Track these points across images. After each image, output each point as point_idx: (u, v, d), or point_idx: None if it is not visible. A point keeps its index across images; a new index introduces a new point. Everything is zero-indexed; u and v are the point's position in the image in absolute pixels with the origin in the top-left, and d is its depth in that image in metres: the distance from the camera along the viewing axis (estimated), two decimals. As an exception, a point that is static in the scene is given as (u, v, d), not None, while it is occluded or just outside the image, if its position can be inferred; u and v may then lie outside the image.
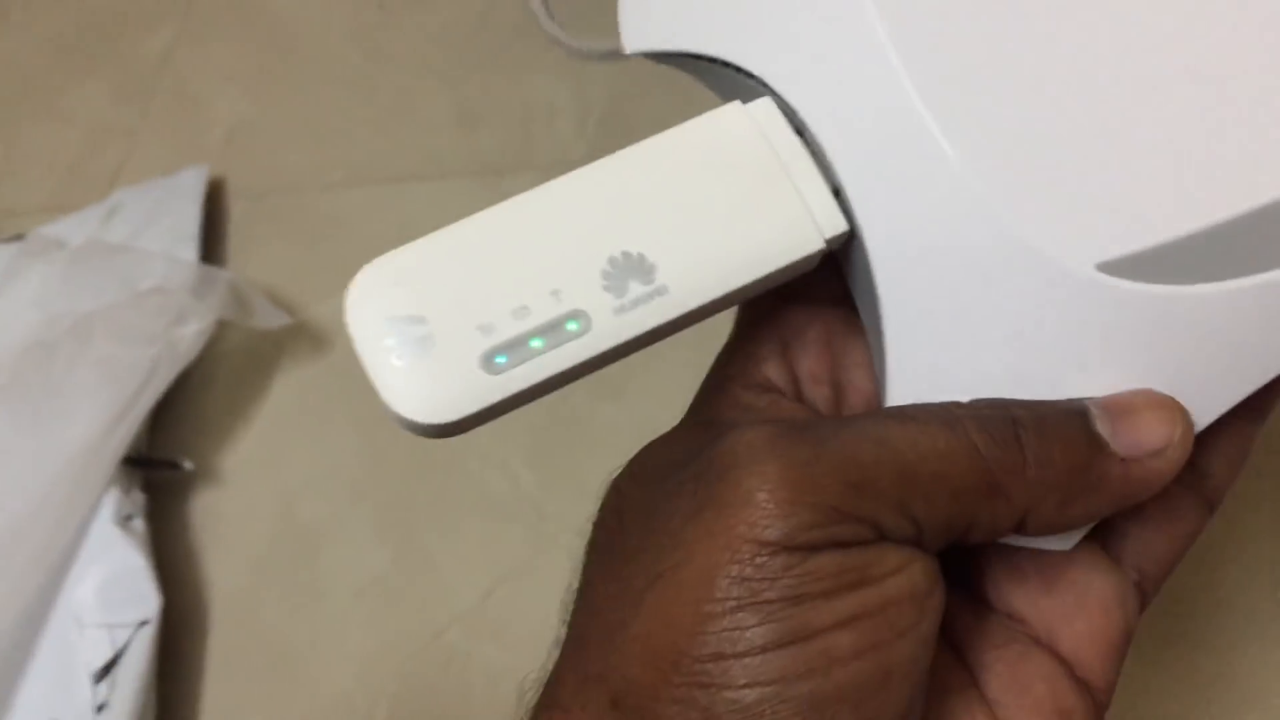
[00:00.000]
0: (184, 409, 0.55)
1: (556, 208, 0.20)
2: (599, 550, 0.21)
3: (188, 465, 0.52)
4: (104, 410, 0.50)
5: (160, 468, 0.53)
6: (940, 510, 0.18)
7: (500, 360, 0.19)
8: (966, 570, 0.22)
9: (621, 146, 0.20)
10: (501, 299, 0.19)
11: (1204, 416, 0.19)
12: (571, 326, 0.19)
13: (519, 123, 0.62)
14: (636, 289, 0.19)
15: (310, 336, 0.57)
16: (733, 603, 0.17)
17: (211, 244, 0.62)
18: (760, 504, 0.17)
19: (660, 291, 0.19)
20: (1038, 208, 0.19)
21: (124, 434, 0.50)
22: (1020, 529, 0.19)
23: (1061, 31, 0.19)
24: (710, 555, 0.18)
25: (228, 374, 0.56)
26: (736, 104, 0.21)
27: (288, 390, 0.55)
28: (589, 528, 0.22)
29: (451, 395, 0.19)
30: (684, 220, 0.19)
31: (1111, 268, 0.19)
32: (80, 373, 0.51)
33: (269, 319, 0.55)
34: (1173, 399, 0.19)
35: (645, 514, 0.20)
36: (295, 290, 0.59)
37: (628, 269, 0.19)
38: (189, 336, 0.52)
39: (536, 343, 0.19)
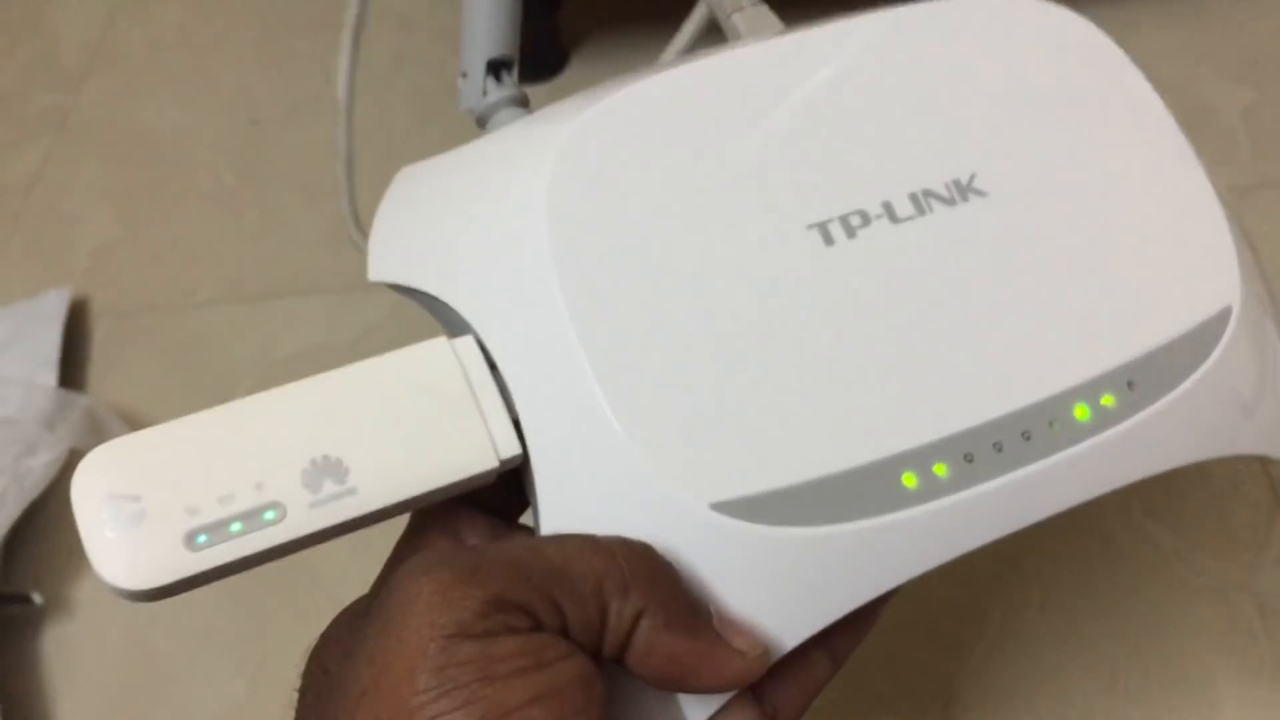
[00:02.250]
0: (35, 541, 0.54)
1: (274, 411, 0.23)
2: (307, 699, 0.23)
3: (37, 599, 0.51)
4: (-52, 547, 0.49)
5: (9, 602, 0.51)
6: (582, 603, 0.21)
7: (201, 539, 0.21)
8: None
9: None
10: (211, 486, 0.22)
11: (791, 637, 0.23)
12: (269, 516, 0.22)
13: (386, 238, 0.63)
14: (330, 487, 0.22)
15: (169, 461, 0.56)
16: (434, 691, 0.19)
17: (73, 366, 0.61)
18: (432, 601, 0.20)
19: (351, 492, 0.22)
20: (669, 454, 0.22)
21: (-31, 571, 0.49)
22: (633, 631, 0.22)
23: (717, 294, 0.23)
24: (404, 659, 0.19)
25: (82, 503, 0.55)
26: (442, 339, 0.24)
27: (145, 517, 0.54)
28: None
29: (151, 567, 0.21)
30: (381, 434, 0.23)
31: (724, 507, 0.22)
32: (-75, 509, 0.50)
33: (125, 445, 0.54)
34: (755, 634, 0.23)
35: (342, 656, 0.22)
36: (157, 412, 0.59)
37: (325, 470, 0.22)
38: (39, 468, 0.51)
39: (236, 527, 0.21)
